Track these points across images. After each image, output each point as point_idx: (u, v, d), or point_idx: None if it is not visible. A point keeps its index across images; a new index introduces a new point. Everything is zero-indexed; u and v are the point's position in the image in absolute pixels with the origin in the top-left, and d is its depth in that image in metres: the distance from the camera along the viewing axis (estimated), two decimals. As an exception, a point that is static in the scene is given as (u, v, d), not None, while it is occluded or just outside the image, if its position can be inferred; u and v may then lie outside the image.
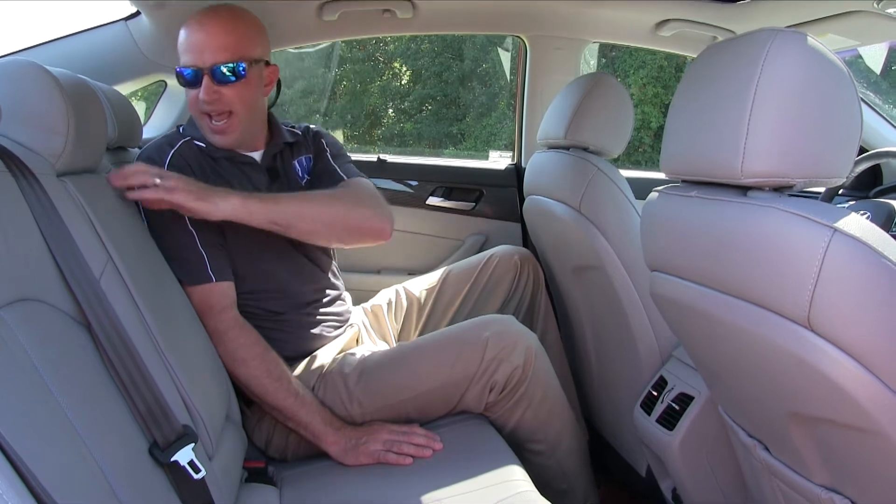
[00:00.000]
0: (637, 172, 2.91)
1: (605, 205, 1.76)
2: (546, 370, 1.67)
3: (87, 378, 0.95)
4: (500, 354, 1.59)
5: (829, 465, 1.09)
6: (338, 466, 1.49)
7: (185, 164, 1.58)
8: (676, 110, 1.19)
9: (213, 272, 1.51)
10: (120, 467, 0.90)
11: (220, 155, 1.64)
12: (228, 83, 1.56)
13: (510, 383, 1.60)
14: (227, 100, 1.57)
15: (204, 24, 1.55)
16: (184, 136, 1.64)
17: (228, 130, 1.61)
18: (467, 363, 1.59)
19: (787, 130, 0.97)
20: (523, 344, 1.62)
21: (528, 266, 2.05)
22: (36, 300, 0.91)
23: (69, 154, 1.12)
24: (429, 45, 12.32)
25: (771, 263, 0.96)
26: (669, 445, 1.59)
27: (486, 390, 1.60)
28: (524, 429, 1.65)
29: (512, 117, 2.84)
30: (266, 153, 1.71)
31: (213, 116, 1.59)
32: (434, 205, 2.63)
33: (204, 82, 1.54)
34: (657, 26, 2.39)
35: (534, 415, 1.64)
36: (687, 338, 1.34)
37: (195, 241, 1.51)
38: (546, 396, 1.66)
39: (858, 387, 0.91)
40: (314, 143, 1.84)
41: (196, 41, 1.54)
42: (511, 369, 1.59)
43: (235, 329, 1.52)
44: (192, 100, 1.58)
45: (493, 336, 1.60)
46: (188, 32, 1.56)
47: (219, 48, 1.54)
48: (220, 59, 1.54)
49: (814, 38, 0.99)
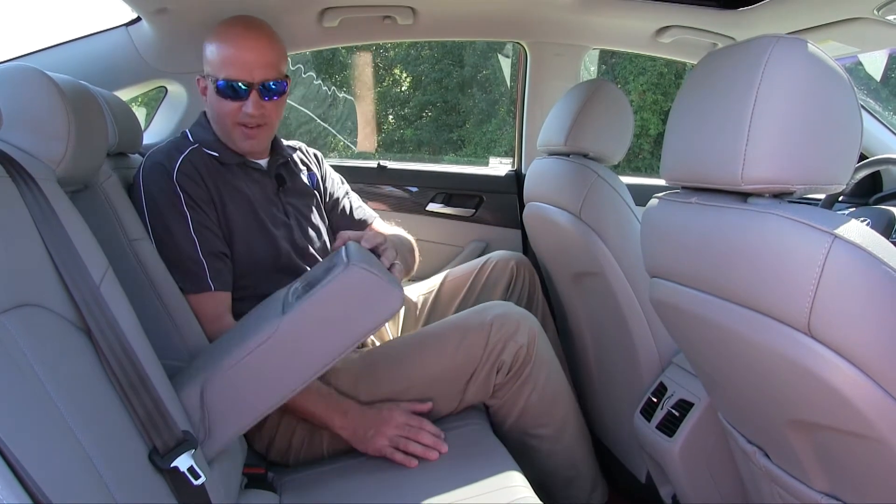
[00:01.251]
0: (637, 179, 2.92)
1: (605, 211, 1.76)
2: (548, 352, 1.70)
3: (87, 384, 0.95)
4: (504, 335, 1.61)
5: (828, 471, 1.09)
6: (338, 472, 1.49)
7: (194, 170, 1.61)
8: (676, 117, 1.19)
9: (213, 281, 1.54)
10: (119, 473, 0.89)
11: (232, 162, 1.68)
12: (272, 99, 1.64)
13: (516, 363, 1.62)
14: (267, 113, 1.65)
15: (252, 40, 1.62)
16: (192, 143, 1.67)
17: (260, 139, 1.69)
18: (472, 347, 1.61)
19: (788, 137, 0.97)
20: (526, 324, 1.65)
21: (524, 271, 2.06)
22: (36, 306, 0.91)
23: (70, 159, 1.12)
24: (429, 52, 12.33)
25: (771, 270, 0.96)
26: (669, 452, 1.59)
27: (493, 371, 1.62)
28: (531, 412, 1.66)
29: (512, 124, 2.84)
30: (272, 161, 1.77)
31: (249, 126, 1.64)
32: (434, 211, 2.63)
33: (252, 97, 1.61)
34: (657, 33, 2.40)
35: (539, 397, 1.66)
36: (687, 344, 1.34)
37: (196, 248, 1.53)
38: (550, 378, 1.68)
39: (858, 393, 0.91)
40: (317, 164, 1.94)
41: (246, 58, 1.60)
42: (517, 348, 1.61)
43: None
44: (231, 111, 1.63)
45: (496, 319, 1.62)
46: (236, 48, 1.60)
47: (267, 65, 1.62)
48: (268, 76, 1.62)
49: (814, 45, 0.99)
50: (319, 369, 1.27)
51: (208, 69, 1.65)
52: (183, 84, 2.25)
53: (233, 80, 1.60)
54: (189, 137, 1.70)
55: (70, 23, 2.13)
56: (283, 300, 1.33)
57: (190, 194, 1.58)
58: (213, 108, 1.68)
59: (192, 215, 1.56)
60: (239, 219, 1.64)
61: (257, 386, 1.24)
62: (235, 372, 1.23)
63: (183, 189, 1.58)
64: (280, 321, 1.24)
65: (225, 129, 1.68)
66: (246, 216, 1.65)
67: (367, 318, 1.27)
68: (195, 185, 1.59)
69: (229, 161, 1.68)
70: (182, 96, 2.27)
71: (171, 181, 1.58)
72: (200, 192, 1.60)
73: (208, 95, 1.67)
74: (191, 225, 1.54)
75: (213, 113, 1.68)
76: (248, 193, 1.68)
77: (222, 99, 1.63)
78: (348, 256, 1.30)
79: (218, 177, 1.65)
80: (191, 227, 1.54)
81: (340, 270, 1.25)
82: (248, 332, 1.28)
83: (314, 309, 1.24)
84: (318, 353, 1.26)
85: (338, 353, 1.27)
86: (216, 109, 1.66)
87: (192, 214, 1.56)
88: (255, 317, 1.38)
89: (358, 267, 1.25)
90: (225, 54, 1.61)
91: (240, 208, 1.65)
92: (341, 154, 3.39)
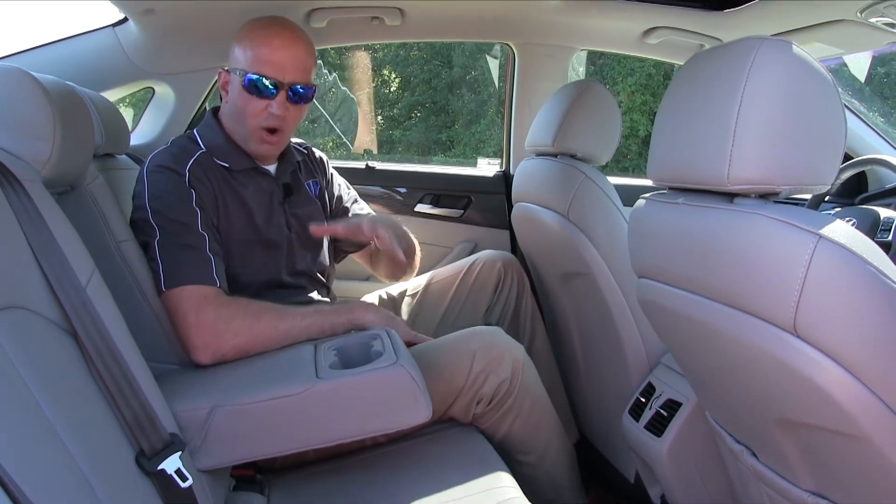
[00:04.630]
0: (625, 179, 2.93)
1: (593, 212, 1.76)
2: (534, 382, 1.67)
3: (73, 386, 0.94)
4: (487, 367, 1.58)
5: (815, 470, 1.10)
6: (326, 473, 1.49)
7: (203, 174, 1.58)
8: (663, 118, 1.19)
9: (217, 278, 1.48)
10: (105, 476, 0.89)
11: (241, 168, 1.65)
12: (298, 104, 1.61)
13: (497, 395, 1.60)
14: (289, 118, 1.62)
15: (290, 41, 1.59)
16: (202, 148, 1.63)
17: (277, 144, 1.66)
18: (454, 376, 1.58)
19: (773, 138, 0.98)
20: (510, 357, 1.62)
21: (512, 271, 2.05)
22: (22, 308, 0.90)
23: (55, 161, 1.11)
24: (418, 53, 12.33)
25: (757, 270, 0.97)
26: (658, 452, 1.60)
27: (473, 402, 1.60)
28: (513, 440, 1.65)
29: (500, 124, 2.85)
30: (281, 169, 1.73)
31: (269, 130, 1.61)
32: (423, 212, 2.64)
33: (279, 97, 1.58)
34: (645, 34, 2.41)
35: (522, 426, 1.64)
36: (674, 344, 1.34)
37: (205, 244, 1.50)
38: (534, 407, 1.66)
39: (844, 392, 0.91)
40: (322, 170, 1.90)
41: (281, 57, 1.57)
42: (498, 382, 1.59)
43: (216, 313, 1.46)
44: (256, 110, 1.59)
45: (480, 349, 1.60)
46: (270, 47, 1.57)
47: (300, 69, 1.59)
48: (299, 79, 1.59)
49: (799, 47, 1.00)
50: (324, 442, 1.30)
51: (237, 65, 1.60)
52: (170, 85, 2.24)
53: (264, 77, 1.56)
54: (198, 141, 1.65)
55: (57, 23, 2.12)
56: (315, 358, 1.34)
57: (200, 194, 1.54)
58: (234, 104, 1.62)
59: (202, 214, 1.53)
60: (237, 232, 1.61)
61: (264, 431, 1.25)
62: (251, 409, 1.24)
63: (193, 187, 1.54)
64: (312, 385, 1.25)
65: (243, 129, 1.62)
66: (246, 231, 1.62)
67: (390, 419, 1.30)
68: (204, 187, 1.56)
69: (238, 167, 1.64)
70: (169, 97, 2.26)
71: (181, 179, 1.54)
72: (208, 194, 1.56)
73: (231, 90, 1.62)
74: (200, 222, 1.51)
75: (234, 109, 1.62)
76: (252, 206, 1.63)
77: (248, 95, 1.58)
78: (396, 351, 1.32)
79: (224, 185, 1.60)
80: (199, 224, 1.51)
81: (387, 364, 1.27)
82: (276, 376, 1.31)
83: (347, 390, 1.26)
84: (332, 428, 1.28)
85: (347, 436, 1.31)
86: (239, 106, 1.61)
87: (202, 213, 1.53)
88: (286, 360, 1.39)
89: (405, 369, 1.27)
90: (259, 52, 1.57)
91: (241, 221, 1.62)
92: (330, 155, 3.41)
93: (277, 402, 1.24)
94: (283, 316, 1.49)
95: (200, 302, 1.44)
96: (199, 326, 1.43)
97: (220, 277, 1.49)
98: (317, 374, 1.27)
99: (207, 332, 1.42)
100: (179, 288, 1.45)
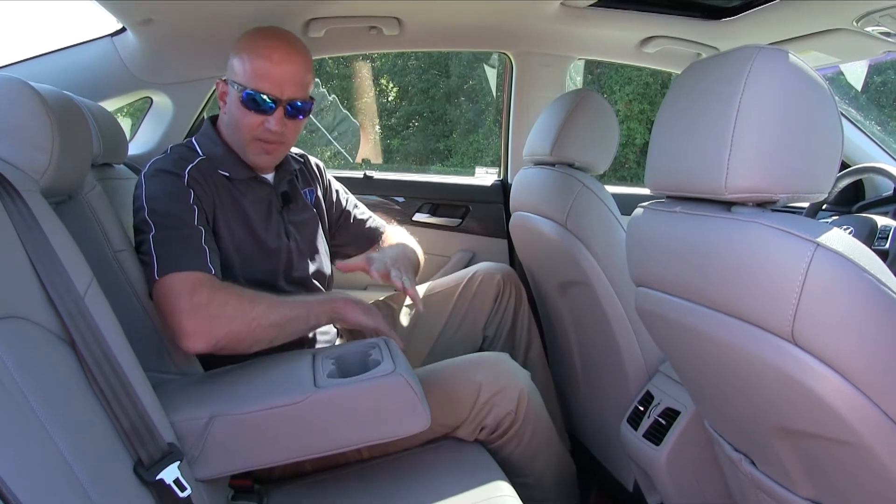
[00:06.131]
0: (622, 188, 2.94)
1: (590, 221, 1.76)
2: (538, 410, 1.67)
3: (71, 396, 0.94)
4: (492, 399, 1.58)
5: (813, 478, 1.10)
6: (324, 483, 1.48)
7: (202, 178, 1.57)
8: (660, 127, 1.20)
9: (212, 265, 1.46)
10: (103, 486, 0.89)
11: (240, 177, 1.64)
12: (296, 118, 1.61)
13: (501, 426, 1.60)
14: (287, 132, 1.62)
15: (289, 54, 1.58)
16: (201, 156, 1.62)
17: (275, 156, 1.66)
18: (458, 406, 1.57)
19: (770, 146, 0.98)
20: (516, 387, 1.61)
21: (511, 284, 2.05)
22: (19, 318, 0.90)
23: (53, 170, 1.11)
24: (415, 62, 12.37)
25: (755, 278, 0.97)
26: (656, 460, 1.60)
27: (476, 430, 1.60)
28: (512, 464, 1.64)
29: (498, 134, 2.85)
30: (279, 177, 1.73)
31: (267, 142, 1.60)
32: (421, 221, 2.64)
33: (277, 114, 1.57)
34: (642, 43, 2.42)
35: (522, 452, 1.64)
36: (672, 352, 1.34)
37: (200, 238, 1.48)
38: (535, 435, 1.66)
39: (842, 401, 0.91)
40: (319, 177, 1.90)
41: (279, 73, 1.56)
42: (503, 414, 1.58)
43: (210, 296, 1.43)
44: (252, 124, 1.58)
45: (486, 381, 1.59)
46: (270, 61, 1.56)
47: (298, 84, 1.59)
48: (297, 95, 1.59)
49: (795, 56, 1.00)
50: (323, 451, 1.29)
51: (235, 77, 1.59)
52: (168, 94, 2.24)
53: (261, 93, 1.55)
54: (197, 149, 1.64)
55: (55, 33, 2.13)
56: (313, 367, 1.34)
57: (198, 195, 1.53)
58: (231, 117, 1.61)
59: (198, 212, 1.51)
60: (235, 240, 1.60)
61: (263, 441, 1.25)
62: (250, 419, 1.23)
63: (191, 188, 1.53)
64: (311, 394, 1.24)
65: (240, 141, 1.62)
66: (244, 239, 1.62)
67: (389, 427, 1.29)
68: (203, 189, 1.55)
69: (238, 177, 1.63)
70: (167, 107, 2.27)
71: (179, 180, 1.53)
72: (207, 197, 1.55)
73: (229, 102, 1.61)
74: (196, 218, 1.49)
75: (231, 121, 1.62)
76: (251, 214, 1.63)
77: (246, 110, 1.57)
78: (394, 360, 1.32)
79: (224, 192, 1.60)
80: (196, 219, 1.49)
81: (386, 373, 1.27)
82: (274, 385, 1.31)
83: (346, 398, 1.26)
84: (331, 437, 1.27)
85: (346, 445, 1.30)
86: (236, 119, 1.60)
87: (198, 211, 1.52)
88: (284, 369, 1.39)
89: (404, 378, 1.27)
90: (257, 65, 1.56)
91: (240, 229, 1.61)
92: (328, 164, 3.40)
93: (276, 412, 1.23)
94: (276, 304, 1.48)
95: (195, 285, 1.40)
96: (193, 310, 1.38)
97: (215, 266, 1.47)
98: (315, 383, 1.27)
99: (202, 317, 1.38)
100: (172, 274, 1.41)
